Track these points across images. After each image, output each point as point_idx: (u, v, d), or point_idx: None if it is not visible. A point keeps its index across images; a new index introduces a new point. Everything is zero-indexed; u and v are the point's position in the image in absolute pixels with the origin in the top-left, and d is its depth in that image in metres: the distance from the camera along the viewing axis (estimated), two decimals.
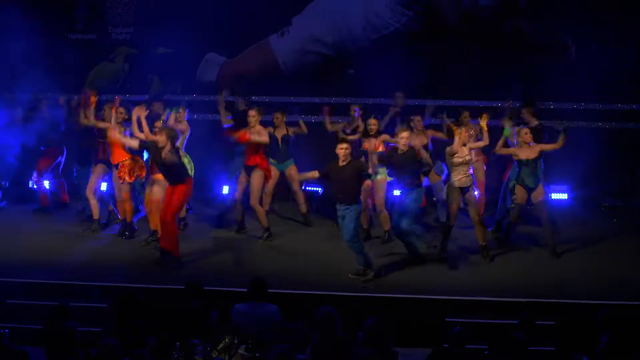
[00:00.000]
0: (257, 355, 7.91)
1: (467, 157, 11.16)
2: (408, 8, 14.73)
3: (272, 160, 12.63)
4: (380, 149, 11.63)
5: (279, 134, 12.77)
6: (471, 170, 11.31)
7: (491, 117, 11.74)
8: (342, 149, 10.58)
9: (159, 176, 11.45)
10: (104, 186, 12.82)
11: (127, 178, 12.09)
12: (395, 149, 11.20)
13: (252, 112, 12.14)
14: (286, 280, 10.61)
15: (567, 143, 11.69)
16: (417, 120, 12.42)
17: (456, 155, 11.12)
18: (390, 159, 11.15)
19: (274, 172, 12.70)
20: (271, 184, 12.71)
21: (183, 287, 9.07)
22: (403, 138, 11.03)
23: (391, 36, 14.80)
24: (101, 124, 12.28)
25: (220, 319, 8.68)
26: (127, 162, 12.04)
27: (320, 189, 14.38)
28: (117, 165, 12.13)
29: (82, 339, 8.10)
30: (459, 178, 11.15)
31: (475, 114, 14.25)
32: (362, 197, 10.92)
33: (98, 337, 8.21)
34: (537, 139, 11.76)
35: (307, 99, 14.86)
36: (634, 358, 7.84)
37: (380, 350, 7.64)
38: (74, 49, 15.05)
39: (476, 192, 11.57)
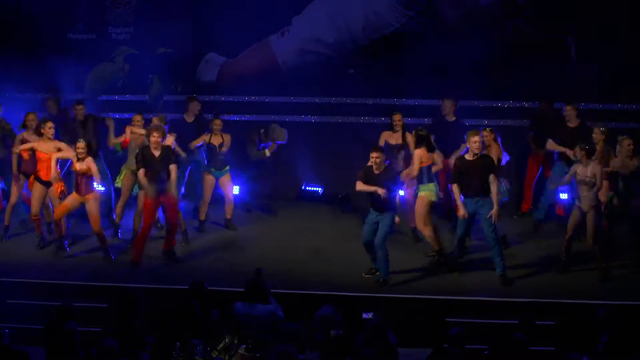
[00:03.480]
0: (257, 355, 7.91)
1: (587, 179, 10.72)
2: (408, 8, 14.72)
3: (210, 168, 12.61)
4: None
5: (216, 141, 12.60)
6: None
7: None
8: (373, 157, 10.58)
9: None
10: None
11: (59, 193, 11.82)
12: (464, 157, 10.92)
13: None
14: (286, 280, 10.61)
15: None
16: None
17: (578, 173, 10.86)
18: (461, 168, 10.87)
19: (210, 180, 12.63)
20: (208, 192, 12.63)
21: (182, 287, 9.07)
22: (476, 142, 10.69)
23: (391, 36, 14.80)
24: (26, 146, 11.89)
25: (220, 319, 8.68)
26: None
27: (320, 189, 14.39)
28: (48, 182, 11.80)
29: (82, 339, 8.10)
30: (578, 196, 10.89)
31: (477, 114, 14.35)
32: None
33: (98, 337, 8.21)
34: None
35: (307, 99, 14.86)
36: (634, 358, 7.84)
37: (380, 350, 7.64)
38: (74, 49, 15.06)
39: None
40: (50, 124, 11.76)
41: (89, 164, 11.34)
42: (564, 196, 12.02)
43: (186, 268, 11.16)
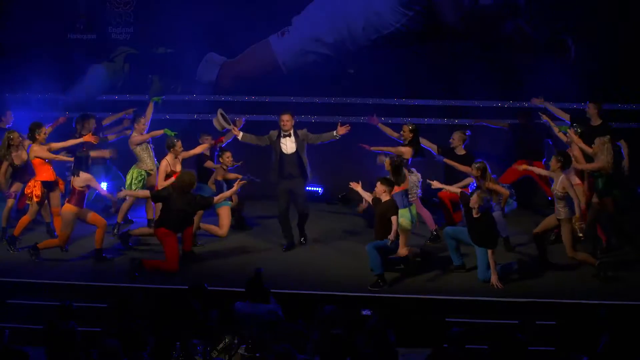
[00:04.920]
0: (257, 355, 7.92)
1: (555, 191, 10.73)
2: (408, 8, 14.71)
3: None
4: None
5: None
6: None
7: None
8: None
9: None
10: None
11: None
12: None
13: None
14: (286, 280, 10.61)
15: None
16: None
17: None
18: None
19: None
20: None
21: (183, 287, 9.08)
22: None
23: (391, 36, 14.79)
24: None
25: (220, 319, 8.68)
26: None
27: (320, 189, 14.39)
28: (52, 185, 11.92)
29: (82, 339, 8.10)
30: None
31: (477, 114, 14.36)
32: None
33: (98, 337, 8.22)
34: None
35: (307, 99, 14.85)
36: (634, 358, 7.84)
37: (380, 350, 7.65)
38: (74, 49, 15.07)
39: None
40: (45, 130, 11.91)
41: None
42: None
43: (186, 268, 11.15)
